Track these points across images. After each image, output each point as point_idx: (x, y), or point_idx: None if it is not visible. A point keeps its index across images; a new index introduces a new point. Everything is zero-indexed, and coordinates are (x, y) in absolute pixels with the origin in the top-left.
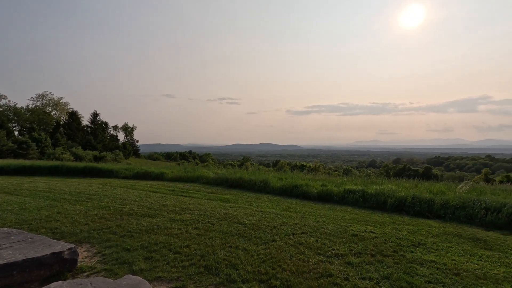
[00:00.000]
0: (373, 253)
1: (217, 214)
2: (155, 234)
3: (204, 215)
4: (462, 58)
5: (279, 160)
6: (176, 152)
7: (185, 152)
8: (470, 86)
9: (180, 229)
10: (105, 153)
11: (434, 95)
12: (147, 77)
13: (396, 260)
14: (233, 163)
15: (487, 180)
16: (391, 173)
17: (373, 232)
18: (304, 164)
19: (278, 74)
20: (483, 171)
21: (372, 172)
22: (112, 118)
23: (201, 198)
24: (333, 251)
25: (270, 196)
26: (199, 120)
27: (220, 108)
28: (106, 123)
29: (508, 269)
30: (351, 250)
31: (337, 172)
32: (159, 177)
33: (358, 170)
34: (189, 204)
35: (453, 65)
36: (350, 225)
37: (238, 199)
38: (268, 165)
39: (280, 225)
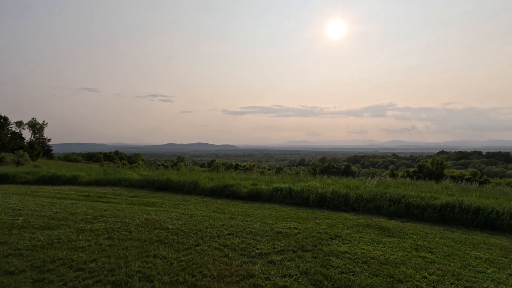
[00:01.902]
0: (295, 249)
1: (138, 220)
2: (54, 250)
3: (122, 222)
4: (375, 70)
5: (214, 160)
6: (100, 152)
7: (111, 152)
8: (381, 94)
9: (89, 240)
10: (3, 154)
11: (353, 101)
12: (63, 67)
13: (315, 254)
14: (165, 164)
15: (393, 175)
16: (317, 171)
17: (297, 228)
18: (239, 164)
19: (214, 73)
20: (390, 167)
21: (301, 170)
22: (15, 112)
23: (121, 203)
24: (257, 251)
25: (200, 198)
26: (128, 118)
27: (151, 105)
28: (5, 118)
29: (405, 253)
30: (275, 248)
31: (270, 170)
32: (71, 181)
33: (289, 169)
34: (105, 210)
35: (368, 75)
36: (276, 223)
37: (165, 202)
38: (203, 165)
39: (206, 228)
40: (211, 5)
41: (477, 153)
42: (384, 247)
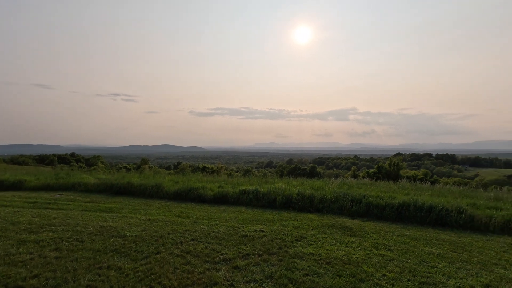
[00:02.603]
0: (261, 252)
1: (91, 228)
2: None
3: (73, 230)
4: (339, 75)
5: (181, 162)
6: (54, 154)
7: (66, 154)
8: (344, 99)
9: (31, 253)
10: None
11: (318, 105)
12: (10, 62)
13: (280, 257)
14: (128, 166)
15: (354, 176)
16: (284, 172)
17: (263, 231)
18: (207, 166)
19: (181, 74)
20: (352, 168)
21: (269, 172)
22: None
23: (73, 209)
24: (221, 256)
25: (163, 202)
26: (87, 118)
27: (113, 104)
28: None
29: (366, 251)
30: (240, 252)
31: (238, 172)
32: (16, 186)
33: (257, 170)
34: (54, 218)
35: (332, 80)
36: (242, 226)
37: (124, 208)
38: (168, 168)
39: (169, 234)
40: (181, 4)
41: (428, 155)
42: (347, 246)
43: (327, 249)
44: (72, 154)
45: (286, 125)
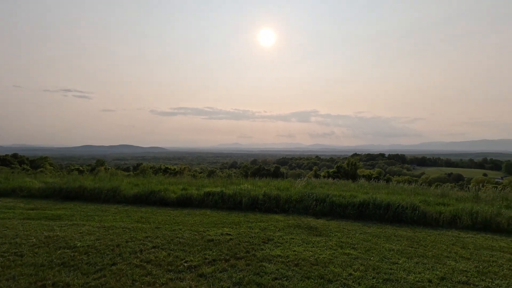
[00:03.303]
0: (227, 257)
1: (34, 240)
2: None
3: (10, 243)
4: (301, 78)
5: (141, 163)
6: None
7: (7, 155)
8: (306, 101)
9: None
10: None
11: (282, 106)
12: None
13: (248, 261)
14: (81, 168)
15: (316, 175)
16: (249, 173)
17: (229, 234)
18: (169, 167)
19: (141, 71)
20: (314, 168)
21: (234, 173)
22: None
23: (13, 218)
24: (186, 264)
25: (121, 207)
26: (32, 115)
27: (64, 101)
28: None
29: (332, 251)
30: (206, 258)
31: (202, 174)
32: None
33: (221, 171)
34: None
35: (295, 83)
36: (207, 230)
37: (75, 214)
38: (127, 169)
39: (126, 242)
40: (146, 1)
41: (381, 155)
42: (314, 247)
43: (294, 251)
44: (14, 155)
45: (250, 126)
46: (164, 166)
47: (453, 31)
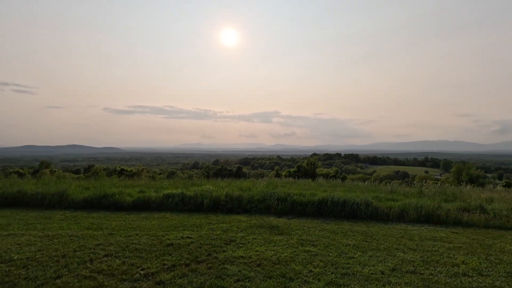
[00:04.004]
0: (188, 262)
1: None
2: None
3: None
4: (263, 79)
5: (93, 165)
6: None
7: None
8: (268, 102)
9: None
10: None
11: (244, 106)
12: None
13: (209, 265)
14: (21, 171)
15: (278, 175)
16: (211, 173)
17: (190, 237)
18: (125, 169)
19: (94, 66)
20: (275, 168)
21: (195, 173)
22: None
23: None
24: (142, 272)
25: (69, 212)
26: None
27: (1, 96)
28: None
29: (293, 249)
30: (164, 264)
31: (161, 175)
32: None
33: (182, 172)
34: None
35: (257, 84)
36: (167, 234)
37: (12, 223)
38: (77, 171)
39: (74, 251)
40: None
41: (338, 155)
42: (275, 246)
43: (257, 251)
44: None
45: (213, 126)
46: (119, 167)
47: (404, 39)
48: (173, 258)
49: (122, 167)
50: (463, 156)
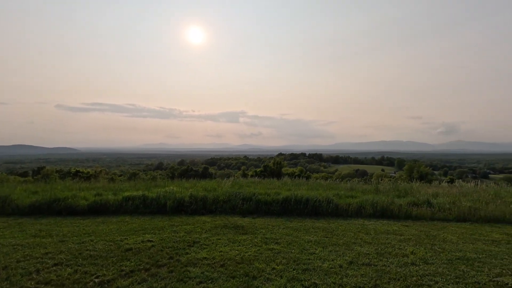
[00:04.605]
0: (148, 266)
1: None
2: None
3: None
4: (230, 79)
5: (44, 167)
6: None
7: None
8: (235, 102)
9: None
10: None
11: (211, 106)
12: None
13: (171, 268)
14: None
15: (244, 175)
16: (176, 174)
17: (151, 241)
18: (81, 170)
19: (46, 59)
20: (242, 168)
21: (159, 174)
22: None
23: None
24: (97, 280)
25: (12, 219)
26: None
27: None
28: None
29: (257, 248)
30: (122, 270)
31: (122, 177)
32: None
33: (145, 173)
34: None
35: (224, 83)
36: (125, 238)
37: None
38: (25, 174)
39: (18, 262)
40: None
41: (303, 155)
42: (240, 245)
43: (221, 251)
44: None
45: (178, 125)
46: (74, 169)
47: (365, 45)
48: (132, 264)
49: (78, 169)
50: (414, 155)
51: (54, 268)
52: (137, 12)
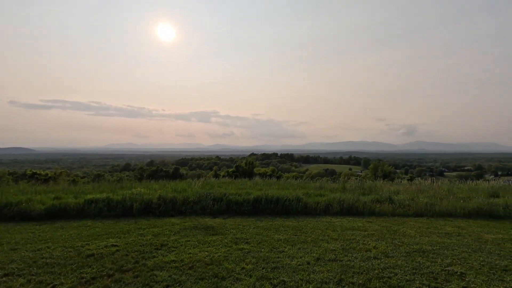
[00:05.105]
0: (111, 272)
1: None
2: None
3: None
4: (201, 78)
5: None
6: None
7: None
8: (207, 101)
9: None
10: None
11: (182, 105)
12: None
13: (136, 273)
14: None
15: (216, 175)
16: (144, 175)
17: (115, 245)
18: (38, 172)
19: None
20: (214, 168)
21: (126, 176)
22: None
23: None
24: None
25: None
26: None
27: None
28: None
29: (227, 248)
30: (82, 278)
31: (85, 178)
32: None
33: (111, 175)
34: None
35: (196, 82)
36: (87, 244)
37: None
38: None
39: None
40: None
41: (275, 155)
42: (210, 246)
43: (189, 253)
44: None
45: (147, 125)
46: (31, 171)
47: (336, 48)
48: (94, 270)
49: (35, 171)
50: (379, 155)
51: (4, 279)
52: (105, 5)
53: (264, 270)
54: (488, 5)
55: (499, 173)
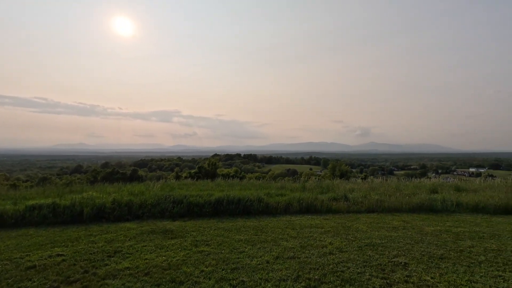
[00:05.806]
0: (56, 284)
1: None
2: None
3: None
4: (163, 76)
5: None
6: None
7: None
8: (168, 101)
9: None
10: None
11: (141, 104)
12: None
13: (85, 283)
14: None
15: (177, 177)
16: (98, 178)
17: (61, 255)
18: None
19: None
20: (175, 169)
21: (78, 179)
22: None
23: None
24: None
25: None
26: None
27: None
28: None
29: (186, 251)
30: None
31: (28, 182)
32: None
33: (59, 178)
34: None
35: (157, 80)
36: (27, 255)
37: None
38: None
39: None
40: None
41: (238, 155)
42: (168, 250)
43: (146, 259)
44: None
45: (101, 124)
46: None
47: (300, 52)
48: (35, 284)
49: None
50: (337, 155)
51: None
52: None
53: (223, 271)
54: (430, 20)
55: (439, 171)
